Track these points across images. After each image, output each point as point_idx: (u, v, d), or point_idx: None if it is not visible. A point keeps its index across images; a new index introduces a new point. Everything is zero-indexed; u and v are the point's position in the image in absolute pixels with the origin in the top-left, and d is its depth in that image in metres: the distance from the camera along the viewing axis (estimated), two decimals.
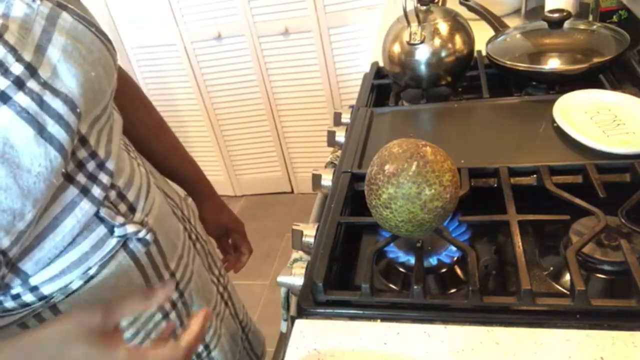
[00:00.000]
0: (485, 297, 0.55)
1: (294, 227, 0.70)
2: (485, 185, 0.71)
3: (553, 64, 0.91)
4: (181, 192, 0.82)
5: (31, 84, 0.45)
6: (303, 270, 0.63)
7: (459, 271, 0.65)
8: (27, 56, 0.45)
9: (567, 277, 0.58)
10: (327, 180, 0.80)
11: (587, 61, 0.87)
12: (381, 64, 1.06)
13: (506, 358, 0.51)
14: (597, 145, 0.70)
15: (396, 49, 0.96)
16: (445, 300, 0.58)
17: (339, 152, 0.87)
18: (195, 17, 2.07)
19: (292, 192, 2.50)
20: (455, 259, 0.64)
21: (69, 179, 0.50)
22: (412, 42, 0.93)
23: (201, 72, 2.20)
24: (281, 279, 0.64)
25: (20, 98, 0.44)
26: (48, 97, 0.46)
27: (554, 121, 0.77)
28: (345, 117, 0.97)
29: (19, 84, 0.44)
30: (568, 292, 0.55)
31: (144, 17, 2.10)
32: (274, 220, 2.34)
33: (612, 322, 0.51)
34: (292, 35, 2.04)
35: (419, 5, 0.95)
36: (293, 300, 0.64)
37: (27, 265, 0.50)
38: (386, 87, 1.06)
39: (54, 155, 0.46)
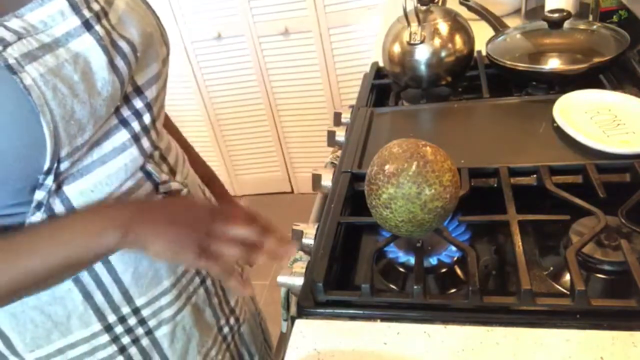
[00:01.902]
0: (485, 297, 0.55)
1: (294, 227, 0.70)
2: (485, 185, 0.71)
3: (553, 64, 0.91)
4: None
5: (104, 22, 0.51)
6: (303, 270, 0.63)
7: (459, 271, 0.65)
8: (101, 1, 0.52)
9: (567, 277, 0.58)
10: (327, 180, 0.80)
11: (587, 61, 0.87)
12: (381, 64, 1.06)
13: (506, 358, 0.51)
14: (597, 145, 0.70)
15: (396, 49, 0.96)
16: (445, 300, 0.58)
17: (339, 152, 0.87)
18: (195, 17, 2.07)
19: (292, 192, 2.50)
20: (455, 259, 0.64)
21: (124, 123, 0.55)
22: (412, 42, 0.93)
23: (201, 72, 2.19)
24: (281, 279, 0.64)
25: (99, 29, 0.50)
26: (115, 36, 0.52)
27: (554, 121, 0.77)
28: (345, 117, 0.97)
29: (98, 18, 0.50)
30: (568, 292, 0.55)
31: None
32: (274, 220, 2.32)
33: (612, 322, 0.51)
34: (292, 35, 2.04)
35: (419, 5, 0.95)
36: (293, 300, 0.64)
37: (71, 192, 0.52)
38: (386, 87, 1.06)
39: (117, 86, 0.51)
